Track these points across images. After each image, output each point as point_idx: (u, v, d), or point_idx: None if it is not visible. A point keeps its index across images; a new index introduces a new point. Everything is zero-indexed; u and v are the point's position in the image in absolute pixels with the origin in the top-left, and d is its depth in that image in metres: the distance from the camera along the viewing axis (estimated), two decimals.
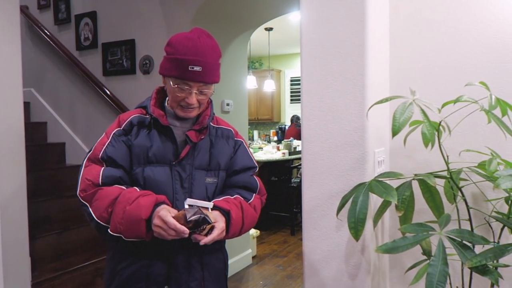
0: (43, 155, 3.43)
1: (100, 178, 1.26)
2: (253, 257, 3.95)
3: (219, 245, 1.46)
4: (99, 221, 1.22)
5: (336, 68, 1.47)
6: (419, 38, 1.63)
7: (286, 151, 5.25)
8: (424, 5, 1.62)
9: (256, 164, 1.52)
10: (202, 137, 1.37)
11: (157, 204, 1.22)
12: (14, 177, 2.29)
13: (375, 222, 1.46)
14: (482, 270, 1.07)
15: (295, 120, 6.78)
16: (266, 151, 5.31)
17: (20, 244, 2.33)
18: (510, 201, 1.32)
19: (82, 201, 1.26)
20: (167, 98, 1.39)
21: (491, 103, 1.15)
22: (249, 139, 6.32)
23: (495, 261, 1.29)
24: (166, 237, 1.18)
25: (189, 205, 1.23)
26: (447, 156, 1.38)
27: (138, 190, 1.26)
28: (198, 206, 1.22)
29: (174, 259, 1.33)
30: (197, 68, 1.26)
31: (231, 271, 3.55)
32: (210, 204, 1.27)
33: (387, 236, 1.71)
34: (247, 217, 1.35)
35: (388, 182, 1.36)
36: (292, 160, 5.24)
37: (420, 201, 1.43)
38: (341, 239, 1.49)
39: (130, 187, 1.27)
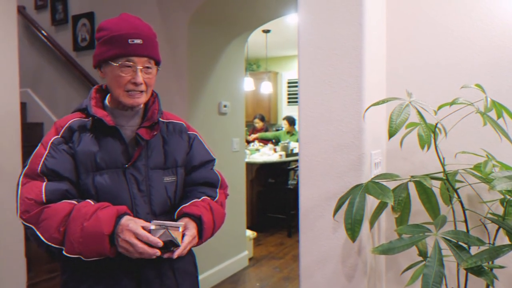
0: None
1: (44, 195, 1.11)
2: (250, 259, 3.95)
3: None
4: (50, 243, 1.07)
5: (333, 70, 1.48)
6: (416, 40, 1.64)
7: (283, 153, 5.25)
8: (421, 8, 1.63)
9: (214, 156, 1.45)
10: (155, 133, 1.26)
11: (119, 216, 1.10)
12: (10, 177, 2.29)
13: (372, 224, 1.47)
14: (477, 271, 1.08)
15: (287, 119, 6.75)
16: (263, 153, 5.31)
17: (16, 245, 2.32)
18: (505, 203, 1.34)
19: (26, 223, 1.10)
20: (107, 97, 1.29)
21: (486, 105, 1.16)
22: (246, 141, 6.33)
23: (490, 262, 1.30)
24: (132, 254, 1.07)
25: (155, 225, 1.10)
26: (443, 158, 1.39)
27: (93, 203, 1.12)
28: (166, 226, 1.10)
29: (143, 271, 1.21)
30: (137, 41, 1.18)
31: (227, 273, 3.55)
32: (180, 224, 1.12)
33: (384, 237, 1.71)
34: (217, 217, 1.29)
35: (384, 183, 1.37)
36: (289, 162, 5.24)
37: (416, 203, 1.44)
38: (338, 241, 1.49)
39: (82, 201, 1.13)
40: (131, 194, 1.21)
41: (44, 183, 1.13)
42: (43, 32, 3.68)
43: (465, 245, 1.23)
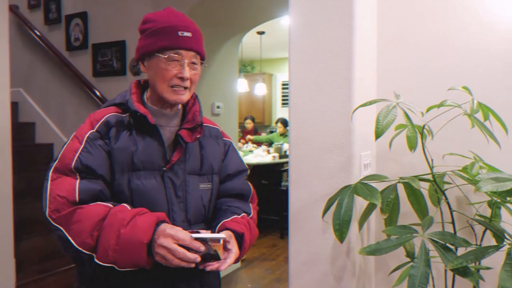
0: (31, 156, 3.39)
1: (77, 194, 1.02)
2: (242, 260, 3.95)
3: None
4: (80, 248, 0.98)
5: (324, 72, 1.49)
6: (406, 43, 1.65)
7: (276, 155, 5.25)
8: (411, 12, 1.64)
9: (247, 166, 1.39)
10: (198, 136, 1.19)
11: (158, 224, 1.01)
12: None
13: (361, 225, 1.48)
14: (463, 271, 1.09)
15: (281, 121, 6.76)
16: (256, 154, 5.31)
17: (5, 246, 2.31)
18: (492, 205, 1.35)
19: (55, 224, 1.01)
20: (145, 93, 1.22)
21: (473, 107, 1.18)
22: (239, 142, 6.33)
23: (477, 264, 1.31)
24: (171, 261, 0.97)
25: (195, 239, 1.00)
26: (432, 160, 1.40)
27: (129, 207, 1.05)
28: (206, 239, 1.00)
29: (175, 284, 1.13)
30: (187, 34, 1.12)
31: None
32: (221, 236, 1.03)
33: (373, 238, 1.72)
34: (253, 236, 1.22)
35: (374, 185, 1.38)
36: (283, 163, 5.25)
37: (406, 204, 1.45)
38: (327, 242, 1.50)
39: (117, 204, 1.05)
40: (168, 199, 1.13)
41: (78, 180, 1.04)
42: (36, 31, 3.66)
43: (452, 246, 1.24)
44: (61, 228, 1.00)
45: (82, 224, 0.99)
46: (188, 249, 0.97)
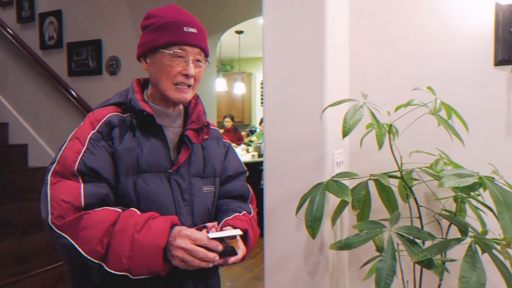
0: (4, 157, 3.32)
1: (83, 199, 0.96)
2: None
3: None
4: (89, 257, 0.92)
5: (297, 72, 1.52)
6: (377, 45, 1.70)
7: (256, 153, 5.29)
8: (382, 15, 1.69)
9: (246, 168, 1.37)
10: (206, 137, 1.16)
11: (172, 227, 0.98)
12: None
13: (334, 221, 1.52)
14: (428, 264, 1.14)
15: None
16: None
17: None
18: (458, 200, 1.41)
19: (59, 231, 0.93)
20: (145, 92, 1.17)
21: (435, 106, 1.23)
22: None
23: (443, 256, 1.37)
24: (190, 263, 0.94)
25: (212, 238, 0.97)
26: (401, 157, 1.45)
27: (138, 212, 1.00)
28: (223, 237, 0.98)
29: (183, 284, 1.09)
30: (192, 30, 1.09)
31: None
32: (238, 232, 1.02)
33: (346, 234, 1.77)
34: (256, 234, 1.21)
35: (347, 182, 1.42)
36: (261, 162, 5.29)
37: (377, 200, 1.49)
38: (301, 238, 1.53)
39: (126, 209, 1.00)
40: (176, 202, 1.09)
41: (82, 184, 0.98)
42: (8, 30, 3.58)
43: (419, 241, 1.29)
44: (66, 236, 0.93)
45: (90, 231, 0.92)
46: (206, 248, 0.95)
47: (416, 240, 1.24)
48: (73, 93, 3.29)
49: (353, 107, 1.19)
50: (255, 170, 5.23)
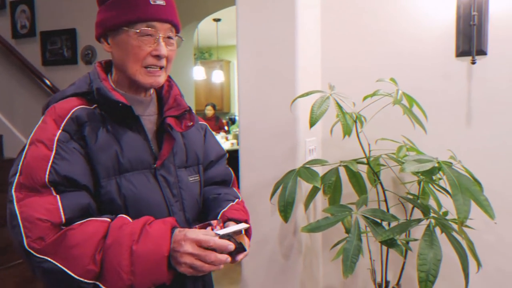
0: None
1: (62, 213, 0.82)
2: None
3: None
4: (82, 279, 0.80)
5: (270, 64, 1.57)
6: (347, 39, 1.76)
7: (235, 141, 5.34)
8: (352, 10, 1.75)
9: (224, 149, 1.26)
10: (190, 124, 1.01)
11: (172, 231, 0.87)
12: None
13: (306, 206, 1.59)
14: (391, 243, 1.23)
15: None
16: None
17: None
18: (422, 183, 1.50)
19: (40, 255, 0.80)
20: (109, 76, 1.02)
21: (396, 97, 1.31)
22: None
23: (406, 236, 1.47)
24: (200, 268, 0.83)
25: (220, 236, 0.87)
26: (369, 144, 1.53)
27: (129, 219, 0.88)
28: (230, 234, 0.88)
29: (184, 285, 0.99)
30: (160, 2, 0.93)
31: None
32: (244, 226, 0.93)
33: (319, 218, 1.85)
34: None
35: (319, 168, 1.49)
36: None
37: (349, 185, 1.57)
38: (276, 223, 1.61)
39: (115, 217, 0.87)
40: (166, 200, 0.97)
41: (58, 196, 0.83)
42: None
43: (385, 222, 1.38)
44: (50, 259, 0.80)
45: (79, 249, 0.80)
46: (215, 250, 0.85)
47: (383, 222, 1.33)
48: (48, 82, 3.25)
49: (320, 98, 1.26)
50: (234, 158, 5.29)
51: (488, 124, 1.57)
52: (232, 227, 0.91)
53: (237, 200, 1.12)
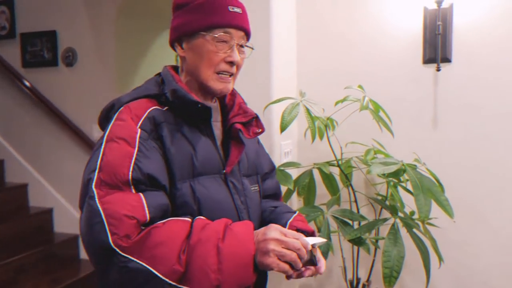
0: None
1: (147, 211, 0.79)
2: None
3: None
4: (167, 280, 0.75)
5: (247, 70, 1.62)
6: (322, 48, 1.83)
7: None
8: (327, 18, 1.82)
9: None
10: (259, 131, 1.00)
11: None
12: None
13: None
14: (358, 242, 1.30)
15: None
16: None
17: None
18: (392, 183, 1.57)
19: (125, 254, 0.76)
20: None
21: (363, 103, 1.38)
22: None
23: (374, 234, 1.54)
24: (291, 256, 0.79)
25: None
26: (341, 147, 1.60)
27: (206, 219, 0.85)
28: (313, 244, 0.84)
29: None
30: (237, 10, 0.93)
31: None
32: (323, 240, 0.88)
33: None
34: None
35: (295, 170, 1.55)
36: None
37: (323, 186, 1.64)
38: None
39: (195, 218, 0.84)
40: (237, 206, 0.95)
41: (141, 194, 0.81)
42: None
43: (356, 222, 1.45)
44: (135, 259, 0.75)
45: (164, 248, 0.76)
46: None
47: (354, 222, 1.40)
48: (28, 84, 3.25)
49: (291, 105, 1.32)
50: None
51: (453, 127, 1.66)
52: (314, 238, 0.87)
53: (297, 212, 1.08)
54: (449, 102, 1.66)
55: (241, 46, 0.96)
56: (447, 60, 1.64)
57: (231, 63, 0.93)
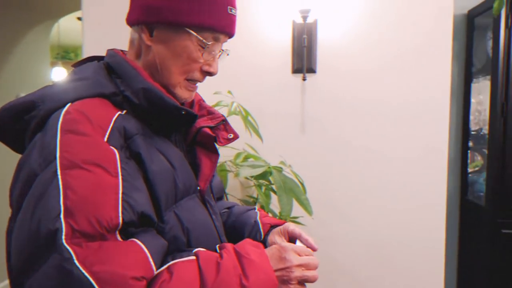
0: None
1: (153, 264, 0.61)
2: None
3: None
4: None
5: None
6: None
7: None
8: None
9: None
10: (230, 136, 0.83)
11: None
12: None
13: None
14: None
15: None
16: None
17: None
18: (263, 187, 1.65)
19: None
20: None
21: (231, 108, 1.44)
22: None
23: None
24: (313, 277, 0.73)
25: None
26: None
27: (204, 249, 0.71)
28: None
29: None
30: (234, 12, 0.78)
31: None
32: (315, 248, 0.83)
33: None
34: None
35: None
36: None
37: None
38: None
39: (192, 251, 0.68)
40: (217, 229, 0.81)
41: (136, 241, 0.60)
42: None
43: None
44: None
45: None
46: None
47: None
48: None
49: None
50: None
51: (318, 132, 1.81)
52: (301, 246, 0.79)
53: (255, 207, 0.98)
54: (315, 109, 1.81)
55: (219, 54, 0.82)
56: (312, 70, 1.78)
57: (209, 74, 0.79)
